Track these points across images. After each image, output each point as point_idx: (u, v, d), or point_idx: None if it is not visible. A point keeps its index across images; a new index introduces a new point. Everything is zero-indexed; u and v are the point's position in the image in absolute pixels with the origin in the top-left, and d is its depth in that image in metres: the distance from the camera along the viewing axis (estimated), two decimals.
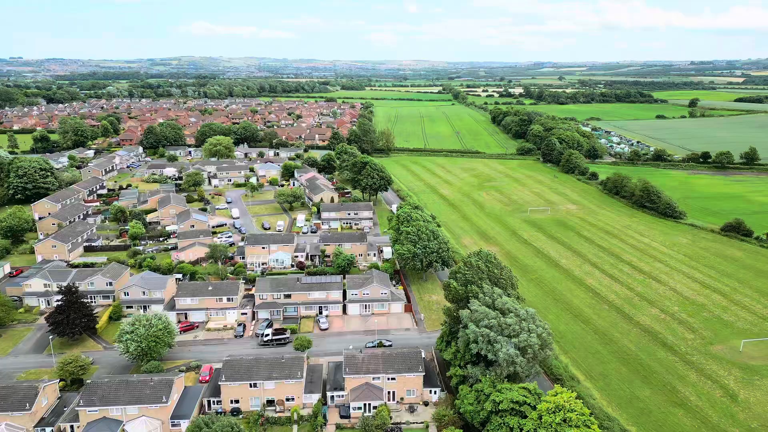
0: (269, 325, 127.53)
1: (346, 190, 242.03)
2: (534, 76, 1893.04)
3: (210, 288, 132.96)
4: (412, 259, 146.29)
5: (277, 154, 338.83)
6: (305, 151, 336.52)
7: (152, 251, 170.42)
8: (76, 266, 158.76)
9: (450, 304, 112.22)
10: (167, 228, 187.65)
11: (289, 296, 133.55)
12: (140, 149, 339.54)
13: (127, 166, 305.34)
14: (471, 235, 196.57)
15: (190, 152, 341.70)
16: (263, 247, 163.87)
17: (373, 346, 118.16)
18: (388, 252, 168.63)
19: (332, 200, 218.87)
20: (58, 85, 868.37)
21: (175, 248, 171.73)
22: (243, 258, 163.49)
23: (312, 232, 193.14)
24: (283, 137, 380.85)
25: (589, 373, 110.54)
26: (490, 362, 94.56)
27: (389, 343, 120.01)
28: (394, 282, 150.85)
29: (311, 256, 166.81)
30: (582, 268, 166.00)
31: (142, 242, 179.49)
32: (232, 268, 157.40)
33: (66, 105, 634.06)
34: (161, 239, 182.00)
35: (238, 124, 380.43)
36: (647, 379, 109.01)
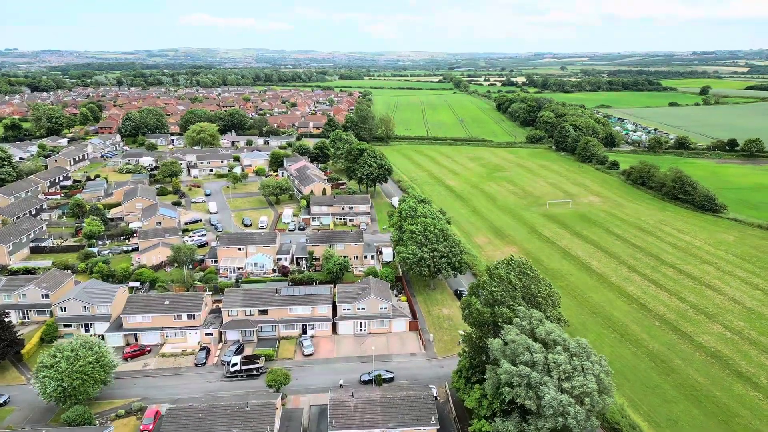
0: (239, 350, 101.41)
1: (340, 181, 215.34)
2: (535, 66, 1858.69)
3: (167, 302, 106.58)
4: (418, 264, 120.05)
5: (267, 142, 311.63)
6: (298, 139, 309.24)
7: (108, 253, 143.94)
8: (15, 272, 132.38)
9: (469, 327, 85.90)
10: (131, 225, 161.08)
11: (265, 312, 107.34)
12: (118, 137, 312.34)
13: (102, 156, 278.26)
14: (484, 233, 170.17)
15: (173, 141, 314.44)
16: (239, 249, 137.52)
17: (369, 380, 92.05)
18: (388, 253, 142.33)
19: (324, 192, 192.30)
20: (49, 76, 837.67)
21: (137, 249, 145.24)
22: (215, 262, 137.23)
23: (300, 229, 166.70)
24: (275, 125, 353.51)
25: (653, 418, 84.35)
26: (528, 411, 68.64)
27: (390, 375, 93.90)
28: (395, 291, 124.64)
29: (297, 259, 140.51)
30: (618, 272, 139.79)
31: (100, 242, 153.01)
32: (202, 274, 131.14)
33: (51, 93, 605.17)
34: (122, 238, 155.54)
35: (226, 110, 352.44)
36: (729, 426, 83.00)
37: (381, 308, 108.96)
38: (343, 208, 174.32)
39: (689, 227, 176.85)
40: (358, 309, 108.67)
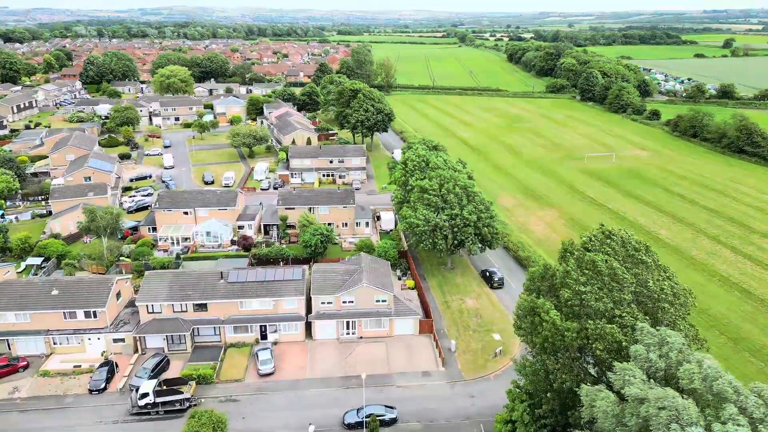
0: (160, 367, 66.03)
1: (330, 132, 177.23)
2: (541, 24, 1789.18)
3: (55, 292, 70.58)
4: (431, 235, 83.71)
5: (250, 91, 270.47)
6: (286, 87, 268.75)
7: (14, 218, 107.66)
8: None
9: (526, 342, 49.81)
10: (54, 182, 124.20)
11: (204, 307, 71.47)
12: (78, 84, 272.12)
13: (56, 104, 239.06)
14: (510, 192, 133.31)
15: (142, 89, 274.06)
16: (186, 212, 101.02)
17: (359, 424, 56.96)
18: (388, 220, 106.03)
19: (309, 143, 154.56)
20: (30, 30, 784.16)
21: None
22: (155, 230, 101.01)
23: (276, 188, 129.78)
24: (262, 74, 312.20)
25: None
26: None
27: (392, 413, 58.79)
28: (398, 273, 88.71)
29: (266, 226, 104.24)
30: (698, 244, 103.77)
31: (9, 203, 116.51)
32: (132, 246, 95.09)
33: (25, 44, 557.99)
34: (41, 198, 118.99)
35: (203, 54, 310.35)
36: None
37: (378, 301, 73.19)
38: (331, 162, 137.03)
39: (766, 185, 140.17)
40: (344, 302, 72.92)
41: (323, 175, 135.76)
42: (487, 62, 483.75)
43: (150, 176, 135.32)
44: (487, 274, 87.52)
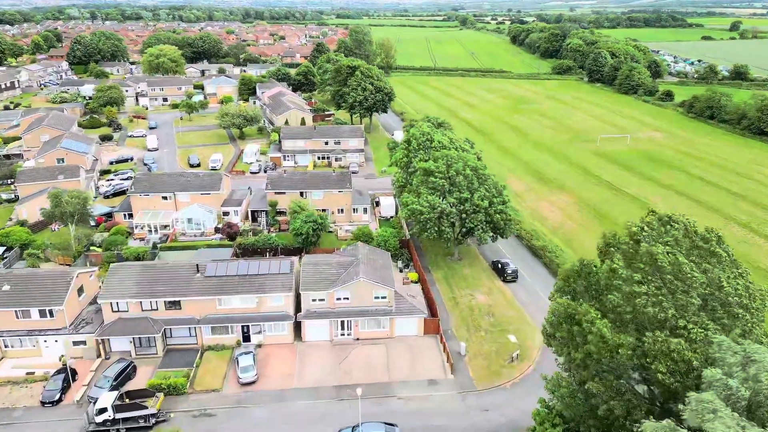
0: (122, 376, 57.14)
1: (326, 112, 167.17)
2: (542, 9, 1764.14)
3: (5, 287, 61.39)
4: (437, 222, 74.45)
5: (245, 71, 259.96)
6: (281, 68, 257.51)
7: None
8: None
9: (555, 353, 40.73)
10: (26, 164, 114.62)
11: (177, 305, 62.37)
12: (65, 65, 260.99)
13: (41, 85, 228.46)
14: (519, 176, 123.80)
15: (131, 70, 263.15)
16: (165, 198, 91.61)
17: None
18: (388, 206, 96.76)
19: (303, 123, 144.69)
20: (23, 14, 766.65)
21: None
22: (131, 216, 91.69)
23: (267, 171, 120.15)
24: (258, 55, 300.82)
25: None
26: None
27: None
28: (400, 264, 79.61)
29: (255, 213, 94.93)
30: (729, 232, 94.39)
31: None
32: (105, 235, 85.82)
33: (15, 27, 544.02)
34: (9, 182, 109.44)
35: (196, 34, 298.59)
36: None
37: (377, 297, 64.13)
38: (326, 143, 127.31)
39: None
40: (338, 299, 63.83)
41: (318, 158, 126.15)
42: (489, 44, 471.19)
43: (131, 159, 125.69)
44: (499, 265, 78.35)
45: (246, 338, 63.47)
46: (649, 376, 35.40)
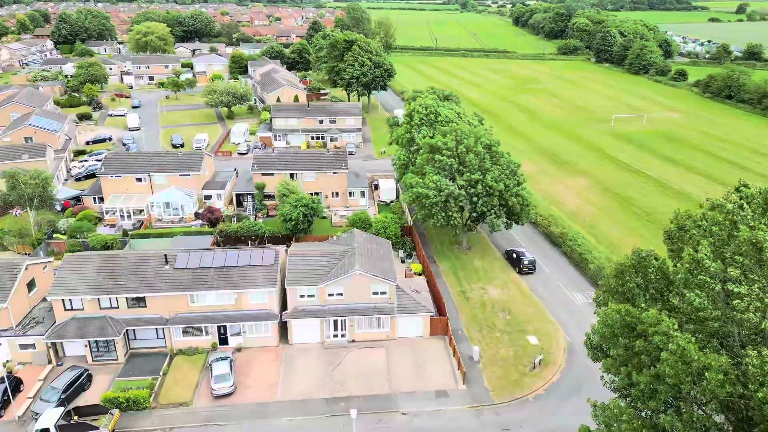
0: (74, 386, 48.22)
1: (322, 91, 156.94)
2: None
3: None
4: (444, 207, 65.21)
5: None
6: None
7: None
8: None
9: (607, 366, 31.71)
10: None
11: (142, 302, 53.27)
12: (49, 44, 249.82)
13: (23, 63, 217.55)
14: (531, 157, 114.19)
15: (119, 49, 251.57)
16: (139, 179, 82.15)
17: None
18: (389, 189, 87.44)
19: (296, 100, 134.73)
20: None
21: None
22: (101, 200, 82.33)
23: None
24: (252, 35, 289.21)
25: None
26: None
27: None
28: (402, 254, 70.48)
29: (240, 196, 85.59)
30: None
31: None
32: (71, 221, 76.52)
33: (5, 8, 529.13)
34: None
35: (187, 11, 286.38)
36: None
37: (375, 293, 55.09)
38: (321, 122, 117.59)
39: None
40: (331, 295, 54.77)
41: (312, 138, 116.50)
42: (491, 26, 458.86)
43: (109, 139, 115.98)
44: (514, 255, 69.16)
45: (223, 341, 54.50)
46: (732, 404, 26.61)
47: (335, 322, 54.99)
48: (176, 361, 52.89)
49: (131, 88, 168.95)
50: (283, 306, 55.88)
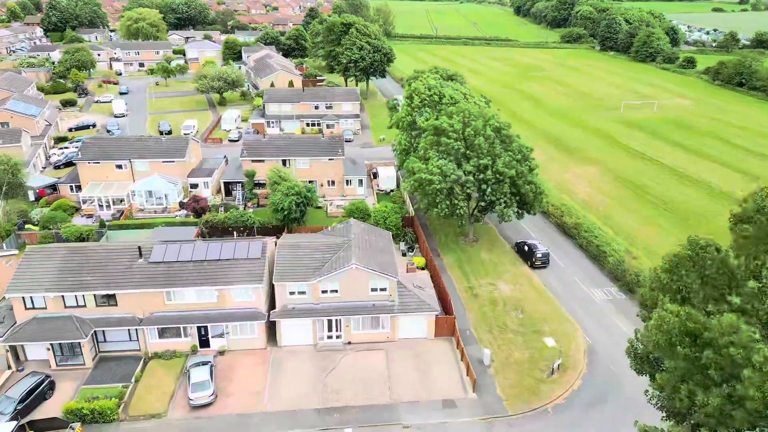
0: (33, 395, 42.46)
1: (318, 78, 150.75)
2: None
3: None
4: (449, 195, 59.46)
5: None
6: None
7: None
8: None
9: (630, 362, 26.20)
10: None
11: (111, 300, 47.54)
12: (39, 31, 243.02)
13: (11, 50, 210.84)
14: (539, 145, 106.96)
15: (111, 37, 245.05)
16: (119, 166, 76.24)
17: None
18: (388, 178, 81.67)
19: (291, 85, 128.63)
20: None
21: None
22: (79, 189, 76.43)
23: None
24: (247, 23, 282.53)
25: None
26: None
27: None
28: (403, 246, 64.72)
29: (229, 185, 79.77)
30: None
31: None
32: (45, 210, 70.70)
33: None
34: None
35: None
36: None
37: (374, 289, 49.40)
38: (316, 108, 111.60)
39: None
40: (324, 292, 49.06)
41: (307, 124, 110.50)
42: (492, 15, 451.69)
43: (93, 125, 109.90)
44: (526, 248, 63.46)
45: (204, 343, 48.86)
46: None
47: (329, 322, 49.32)
48: (151, 365, 47.22)
49: (120, 74, 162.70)
50: (272, 304, 50.22)
